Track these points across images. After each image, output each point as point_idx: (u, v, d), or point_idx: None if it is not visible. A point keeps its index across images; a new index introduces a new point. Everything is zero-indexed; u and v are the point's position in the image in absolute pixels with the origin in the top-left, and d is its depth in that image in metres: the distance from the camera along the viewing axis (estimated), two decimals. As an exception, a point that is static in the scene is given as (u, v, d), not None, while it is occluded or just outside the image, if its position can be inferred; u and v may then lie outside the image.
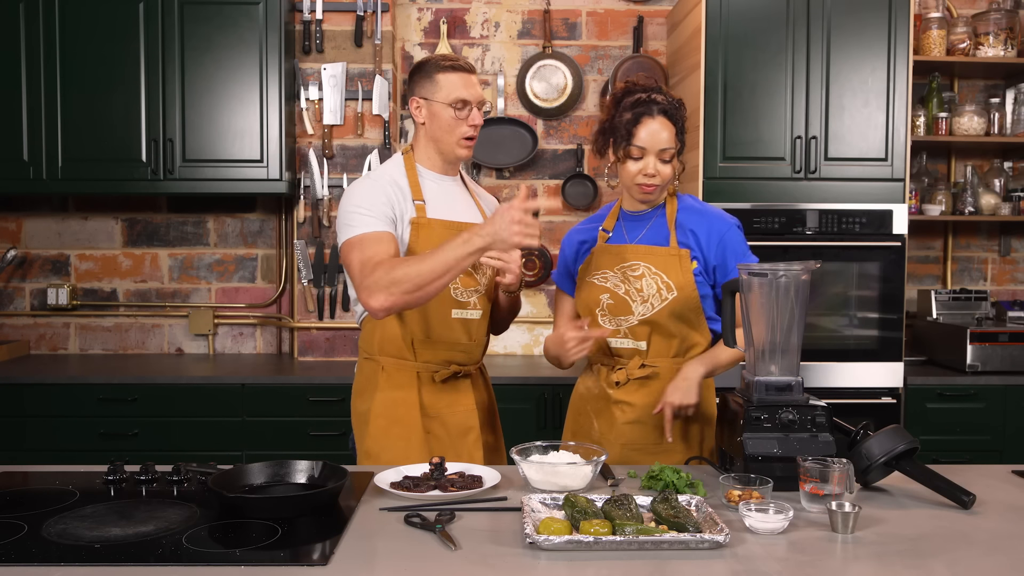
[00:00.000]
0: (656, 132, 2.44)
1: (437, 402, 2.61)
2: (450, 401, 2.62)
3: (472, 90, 2.58)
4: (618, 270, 2.54)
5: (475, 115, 2.58)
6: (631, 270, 2.52)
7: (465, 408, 2.64)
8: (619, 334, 2.55)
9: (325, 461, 2.14)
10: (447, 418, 2.62)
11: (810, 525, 1.88)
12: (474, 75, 2.61)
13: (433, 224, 2.55)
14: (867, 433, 2.13)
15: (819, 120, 4.03)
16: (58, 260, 4.76)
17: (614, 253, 2.57)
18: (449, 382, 2.63)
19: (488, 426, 2.74)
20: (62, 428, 4.00)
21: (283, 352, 4.76)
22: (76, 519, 1.88)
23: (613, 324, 2.55)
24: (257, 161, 4.23)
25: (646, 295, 2.49)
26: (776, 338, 2.21)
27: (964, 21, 4.41)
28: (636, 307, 2.51)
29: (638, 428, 2.53)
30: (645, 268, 2.50)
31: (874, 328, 4.06)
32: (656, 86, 2.52)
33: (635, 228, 2.60)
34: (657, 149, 2.45)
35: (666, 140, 2.45)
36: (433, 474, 2.13)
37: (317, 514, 1.91)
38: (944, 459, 3.99)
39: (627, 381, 2.54)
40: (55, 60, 4.18)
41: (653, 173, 2.46)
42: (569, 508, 1.85)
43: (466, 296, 2.60)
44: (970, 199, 4.55)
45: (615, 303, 2.54)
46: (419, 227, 2.53)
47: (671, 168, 2.48)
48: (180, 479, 2.17)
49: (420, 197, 2.57)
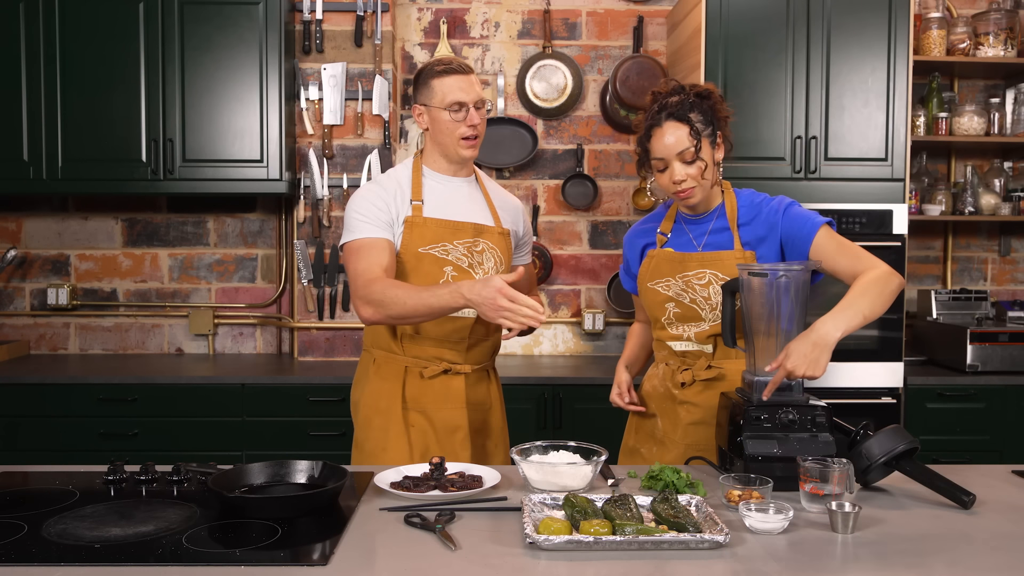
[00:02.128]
0: (667, 139, 2.40)
1: (422, 397, 2.63)
2: (437, 398, 2.63)
3: (468, 91, 2.59)
4: (680, 278, 2.50)
5: (472, 115, 2.60)
6: (696, 278, 2.47)
7: (453, 407, 2.64)
8: (683, 338, 2.53)
9: (325, 461, 2.14)
10: (432, 414, 2.63)
11: (810, 525, 1.88)
12: (470, 75, 2.62)
13: (428, 223, 2.59)
14: (867, 433, 2.13)
15: (819, 120, 4.04)
16: (58, 260, 4.76)
17: (676, 261, 2.51)
18: (439, 379, 2.64)
19: (484, 429, 2.74)
20: (62, 428, 3.99)
21: (283, 352, 4.76)
22: (76, 519, 1.87)
23: (679, 331, 2.53)
24: (257, 161, 4.23)
25: (715, 302, 2.46)
26: (777, 338, 2.21)
27: (964, 21, 4.40)
28: (706, 314, 2.48)
29: (702, 429, 2.50)
30: (712, 275, 2.46)
31: (874, 328, 4.06)
32: (676, 87, 2.47)
33: (698, 231, 2.54)
34: (674, 155, 2.40)
35: (680, 142, 2.39)
36: (433, 474, 2.13)
37: (317, 514, 1.91)
38: (944, 459, 3.99)
39: (693, 382, 2.51)
40: (55, 60, 4.18)
41: (680, 179, 2.41)
42: (569, 508, 1.85)
43: None
44: (970, 199, 4.55)
45: (682, 311, 2.50)
46: (413, 226, 2.59)
47: (698, 167, 2.41)
48: (180, 479, 2.17)
49: (419, 197, 2.62)
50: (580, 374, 4.13)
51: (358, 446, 2.68)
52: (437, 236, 2.59)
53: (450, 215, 2.63)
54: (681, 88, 2.46)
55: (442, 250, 2.59)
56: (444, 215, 2.63)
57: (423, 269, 2.59)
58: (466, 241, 2.62)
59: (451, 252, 2.60)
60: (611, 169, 4.77)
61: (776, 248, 2.47)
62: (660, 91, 2.49)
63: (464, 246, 2.61)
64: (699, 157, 2.41)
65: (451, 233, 2.60)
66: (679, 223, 2.59)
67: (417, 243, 2.58)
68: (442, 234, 2.59)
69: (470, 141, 2.62)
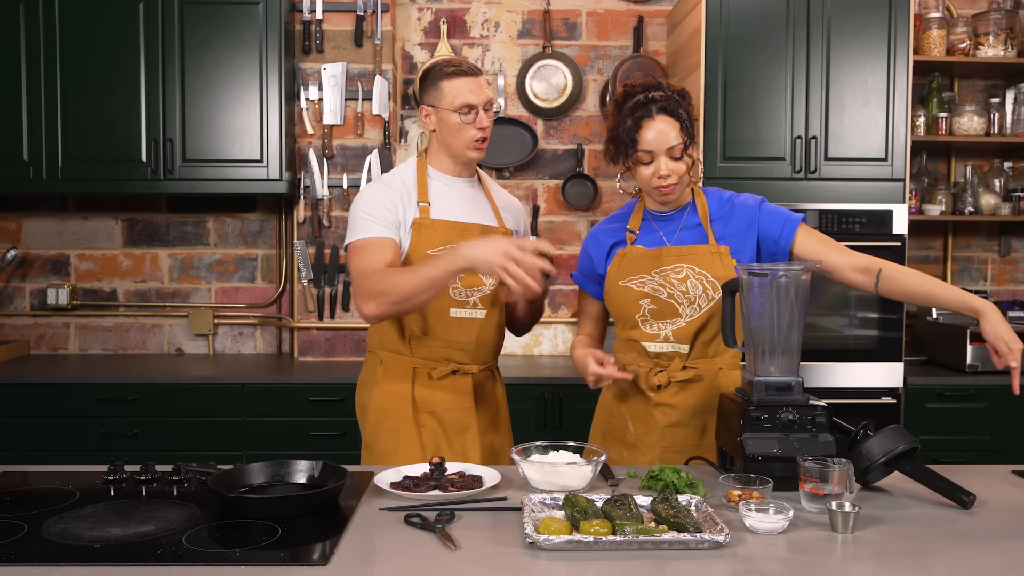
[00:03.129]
0: (659, 132, 2.39)
1: (431, 398, 2.62)
2: (446, 399, 2.63)
3: (478, 93, 2.58)
4: (656, 274, 2.48)
5: (482, 118, 2.58)
6: (674, 272, 2.46)
7: (463, 407, 2.64)
8: (659, 339, 2.50)
9: (325, 461, 2.14)
10: (442, 415, 2.62)
11: (810, 525, 1.88)
12: (479, 77, 2.61)
13: (436, 224, 2.58)
14: (867, 433, 2.13)
15: (819, 120, 4.04)
16: (58, 260, 4.76)
17: (652, 256, 2.50)
18: (448, 379, 2.63)
19: (492, 428, 2.74)
20: (62, 428, 4.00)
21: (283, 352, 4.76)
22: (76, 519, 1.88)
23: (655, 329, 2.50)
24: (257, 161, 4.23)
25: (692, 296, 2.45)
26: (776, 338, 2.21)
27: (964, 21, 4.41)
28: (683, 309, 2.46)
29: (679, 431, 2.49)
30: (688, 269, 2.46)
31: (874, 328, 4.06)
32: (655, 82, 2.46)
33: (668, 228, 2.54)
34: (664, 149, 2.39)
35: (671, 137, 2.39)
36: (433, 474, 2.13)
37: (317, 514, 1.92)
38: (944, 459, 3.99)
39: (668, 384, 2.49)
40: (55, 60, 4.18)
41: (666, 174, 2.40)
42: (569, 508, 1.86)
43: (466, 295, 2.60)
44: (970, 199, 4.55)
45: (658, 308, 2.48)
46: (421, 228, 2.57)
47: (684, 164, 2.41)
48: (180, 479, 2.17)
49: (426, 199, 2.61)
50: (580, 374, 4.11)
51: (368, 448, 2.67)
52: (445, 238, 2.57)
53: (457, 216, 2.62)
54: (658, 84, 2.45)
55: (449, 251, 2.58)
56: (451, 216, 2.61)
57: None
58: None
59: None
60: (611, 169, 4.76)
61: (754, 243, 2.49)
62: (634, 84, 2.48)
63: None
64: (687, 154, 2.42)
65: (459, 235, 2.58)
66: (647, 221, 2.57)
67: (426, 245, 2.56)
68: (450, 236, 2.57)
69: (479, 143, 2.61)
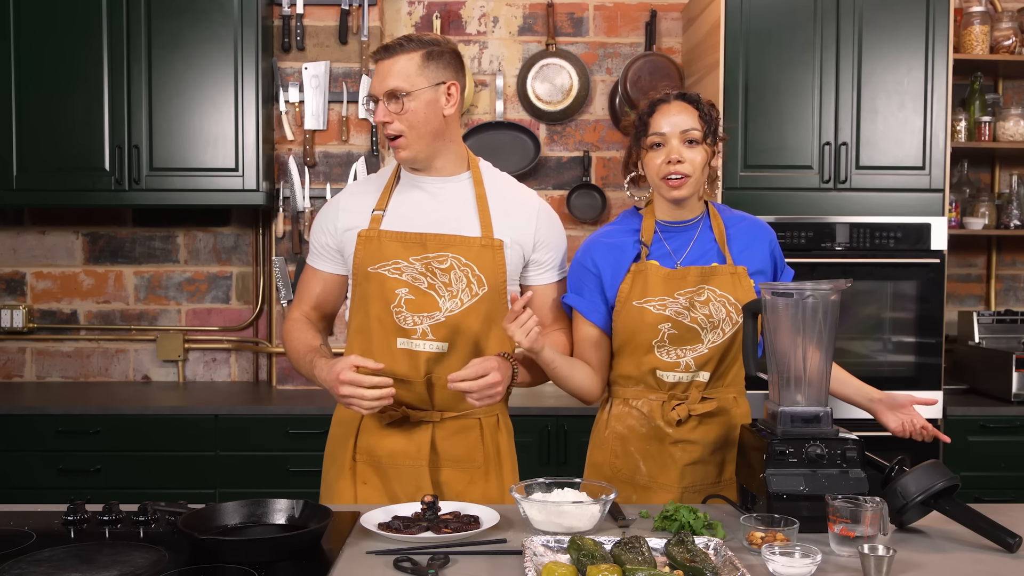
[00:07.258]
0: (674, 115, 2.39)
1: (376, 448, 2.48)
2: (394, 450, 2.46)
3: (381, 81, 2.38)
4: (682, 295, 2.43)
5: (379, 111, 2.39)
6: (697, 295, 2.43)
7: (414, 462, 2.45)
8: (679, 368, 2.46)
9: (306, 500, 2.14)
10: (387, 469, 2.47)
11: (840, 570, 1.88)
12: (394, 58, 2.37)
13: (381, 236, 2.43)
14: (903, 469, 2.14)
15: (850, 125, 4.06)
16: (12, 279, 4.77)
17: (677, 277, 2.45)
18: (402, 426, 2.46)
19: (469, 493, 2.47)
20: (17, 463, 4.00)
21: (260, 380, 4.76)
22: (32, 564, 1.87)
23: (673, 356, 2.45)
24: (232, 170, 4.25)
25: (716, 320, 2.42)
26: (803, 365, 2.22)
27: (1009, 16, 4.42)
28: (705, 335, 2.43)
29: (700, 468, 2.48)
30: (710, 292, 2.43)
31: (910, 353, 4.07)
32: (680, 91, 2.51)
33: (677, 242, 2.51)
34: (678, 131, 2.38)
35: (687, 121, 2.39)
36: (425, 514, 2.13)
37: (297, 558, 1.92)
38: (987, 497, 3.99)
39: (688, 418, 2.46)
40: (8, 57, 4.20)
41: (678, 159, 2.37)
42: (575, 551, 1.86)
43: (412, 322, 2.42)
44: (1016, 211, 4.56)
45: (679, 333, 2.43)
46: (367, 240, 2.44)
47: (700, 155, 2.39)
48: (147, 519, 2.17)
49: (383, 206, 2.48)
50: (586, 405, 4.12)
51: (322, 495, 2.65)
52: (390, 252, 2.41)
53: (414, 226, 2.44)
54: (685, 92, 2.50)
55: (394, 268, 2.41)
56: (407, 226, 2.44)
57: (373, 291, 2.43)
58: (424, 257, 2.41)
59: (405, 271, 2.40)
60: (621, 178, 4.78)
61: (771, 269, 2.56)
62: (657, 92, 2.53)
63: (421, 263, 2.40)
64: (704, 142, 2.41)
65: (404, 248, 2.41)
66: (658, 234, 2.54)
67: (368, 261, 2.42)
68: (394, 249, 2.41)
69: (391, 141, 2.42)
